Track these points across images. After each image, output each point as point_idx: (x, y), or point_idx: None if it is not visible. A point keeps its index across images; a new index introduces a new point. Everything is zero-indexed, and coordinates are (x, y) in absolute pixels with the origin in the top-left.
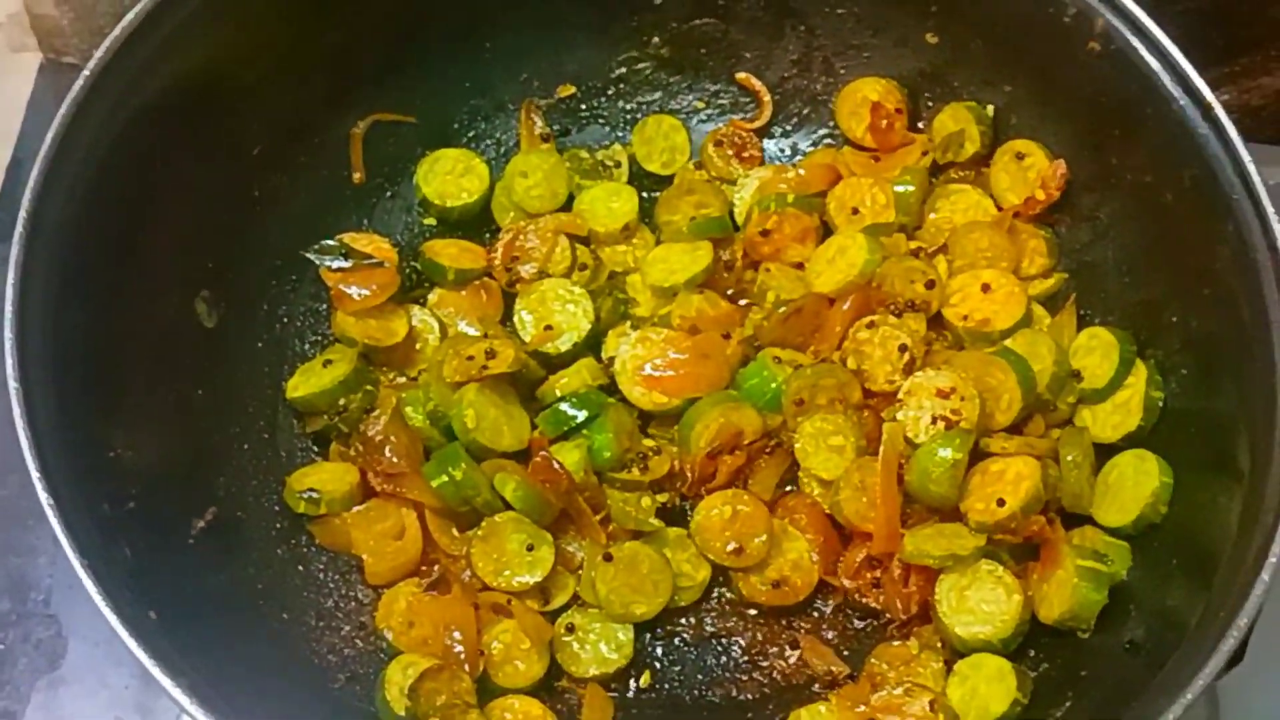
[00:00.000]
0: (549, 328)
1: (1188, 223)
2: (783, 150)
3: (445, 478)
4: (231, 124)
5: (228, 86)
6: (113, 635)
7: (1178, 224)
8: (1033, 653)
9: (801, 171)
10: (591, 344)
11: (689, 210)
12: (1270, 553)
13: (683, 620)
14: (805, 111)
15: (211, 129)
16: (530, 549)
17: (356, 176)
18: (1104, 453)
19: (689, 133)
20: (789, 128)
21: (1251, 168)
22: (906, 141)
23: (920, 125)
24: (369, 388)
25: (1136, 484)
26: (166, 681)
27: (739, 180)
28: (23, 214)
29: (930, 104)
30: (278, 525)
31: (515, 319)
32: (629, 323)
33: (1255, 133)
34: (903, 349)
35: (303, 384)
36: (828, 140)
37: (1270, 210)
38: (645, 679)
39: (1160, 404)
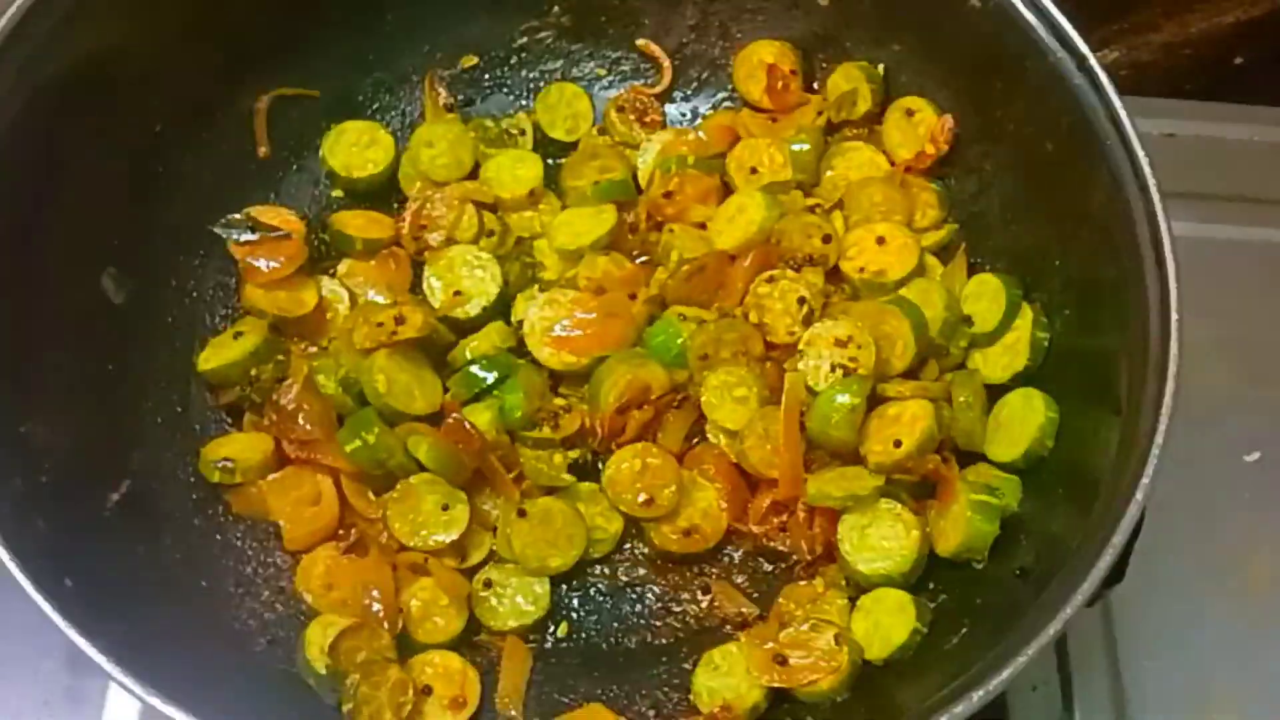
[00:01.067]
0: (458, 293)
1: (1067, 170)
2: (684, 114)
3: (359, 442)
4: (132, 101)
5: (127, 64)
6: (39, 622)
7: (1058, 172)
8: (931, 585)
9: (701, 134)
10: (500, 308)
11: (593, 175)
12: (1144, 474)
13: (597, 571)
14: (704, 75)
15: (111, 107)
16: (445, 508)
17: (261, 151)
18: (994, 392)
19: (591, 99)
20: (689, 91)
21: (1124, 115)
22: (802, 102)
23: (815, 86)
24: (280, 358)
25: (1024, 420)
26: (84, 643)
27: (641, 144)
28: None
29: (824, 65)
30: (194, 496)
31: (425, 285)
32: (537, 286)
33: (1144, 87)
34: (801, 301)
35: (214, 356)
36: (727, 103)
37: (1141, 155)
38: (562, 629)
39: (1046, 344)
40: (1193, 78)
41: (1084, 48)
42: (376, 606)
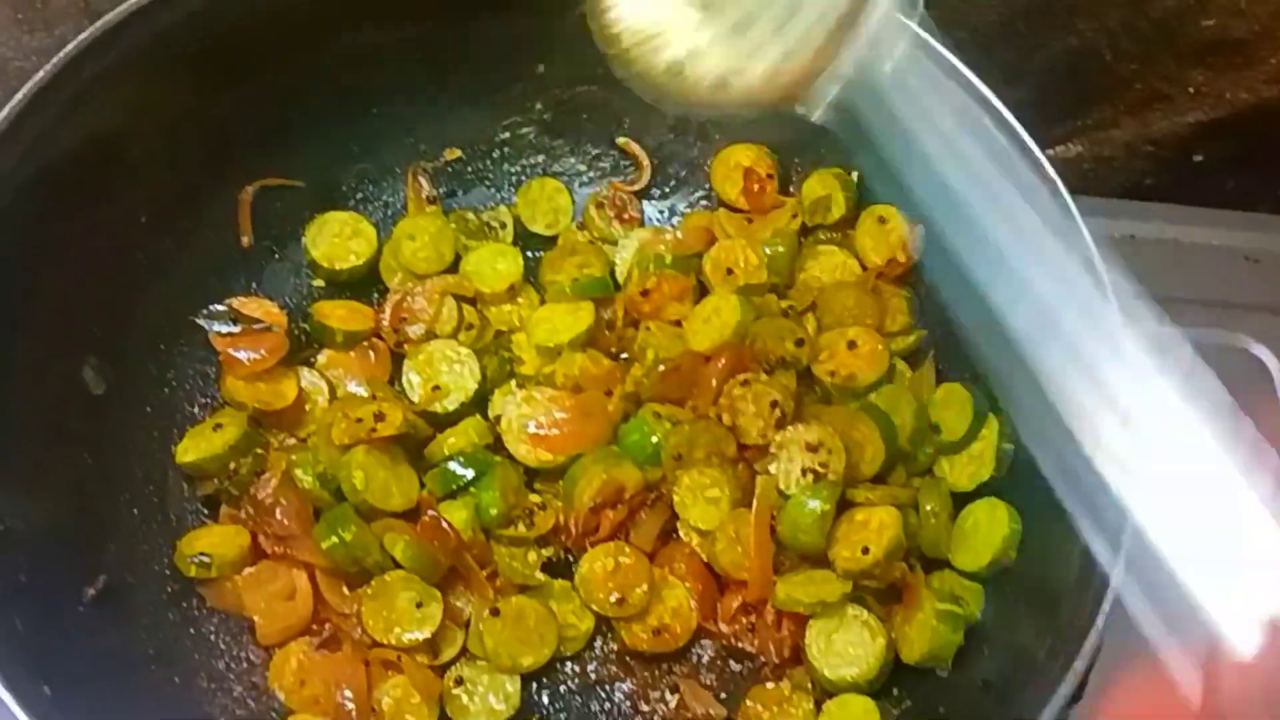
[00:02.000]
0: (436, 388)
1: None
2: (661, 212)
3: (335, 539)
4: (118, 193)
5: (115, 157)
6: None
7: None
8: (896, 691)
9: (679, 234)
10: (478, 402)
11: (572, 271)
12: (1104, 601)
13: (568, 669)
14: (683, 174)
15: (97, 199)
16: (419, 606)
17: (244, 241)
18: (960, 500)
19: (572, 195)
20: (667, 190)
21: (1081, 222)
22: (777, 204)
23: (791, 189)
24: (259, 451)
25: (989, 530)
26: None
27: (619, 241)
28: None
29: (800, 169)
30: (168, 589)
31: (404, 380)
32: (514, 381)
33: (1107, 183)
34: (774, 405)
35: (192, 448)
36: (704, 202)
37: (1101, 266)
38: None
39: (1010, 455)
40: (1154, 175)
41: (1040, 156)
42: (349, 705)
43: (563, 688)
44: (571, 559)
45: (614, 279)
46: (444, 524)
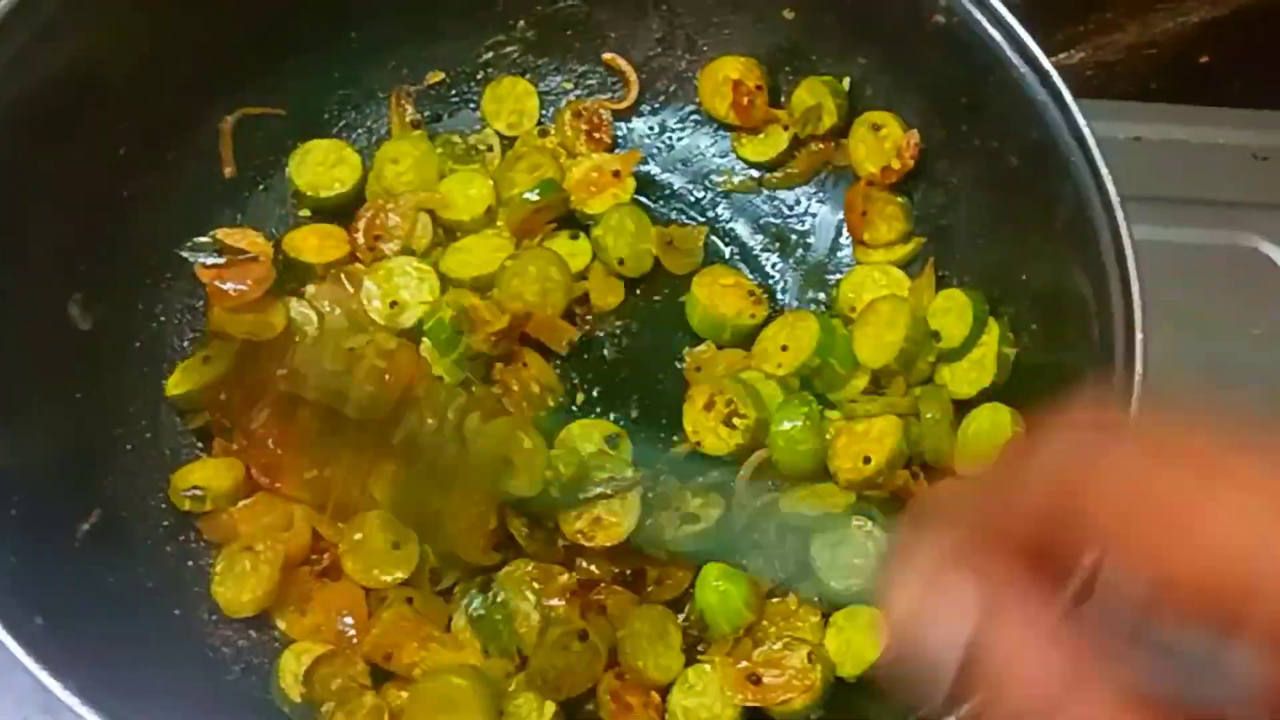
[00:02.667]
0: (395, 304)
1: (1032, 185)
2: (651, 128)
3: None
4: (96, 125)
5: (90, 88)
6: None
7: (1023, 186)
8: None
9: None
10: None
11: (526, 180)
12: None
13: None
14: (672, 89)
15: (76, 131)
16: (396, 546)
17: (227, 171)
18: (962, 408)
19: (541, 100)
20: (657, 105)
21: (1087, 131)
22: (769, 119)
23: (781, 100)
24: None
25: (992, 435)
26: (54, 685)
27: (579, 156)
28: None
29: (790, 79)
30: (165, 523)
31: (362, 295)
32: None
33: (1110, 88)
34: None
35: (183, 380)
36: (695, 116)
37: (1105, 170)
38: None
39: (1012, 360)
40: (1159, 77)
41: (1046, 63)
42: (350, 632)
43: None
44: None
45: None
46: None
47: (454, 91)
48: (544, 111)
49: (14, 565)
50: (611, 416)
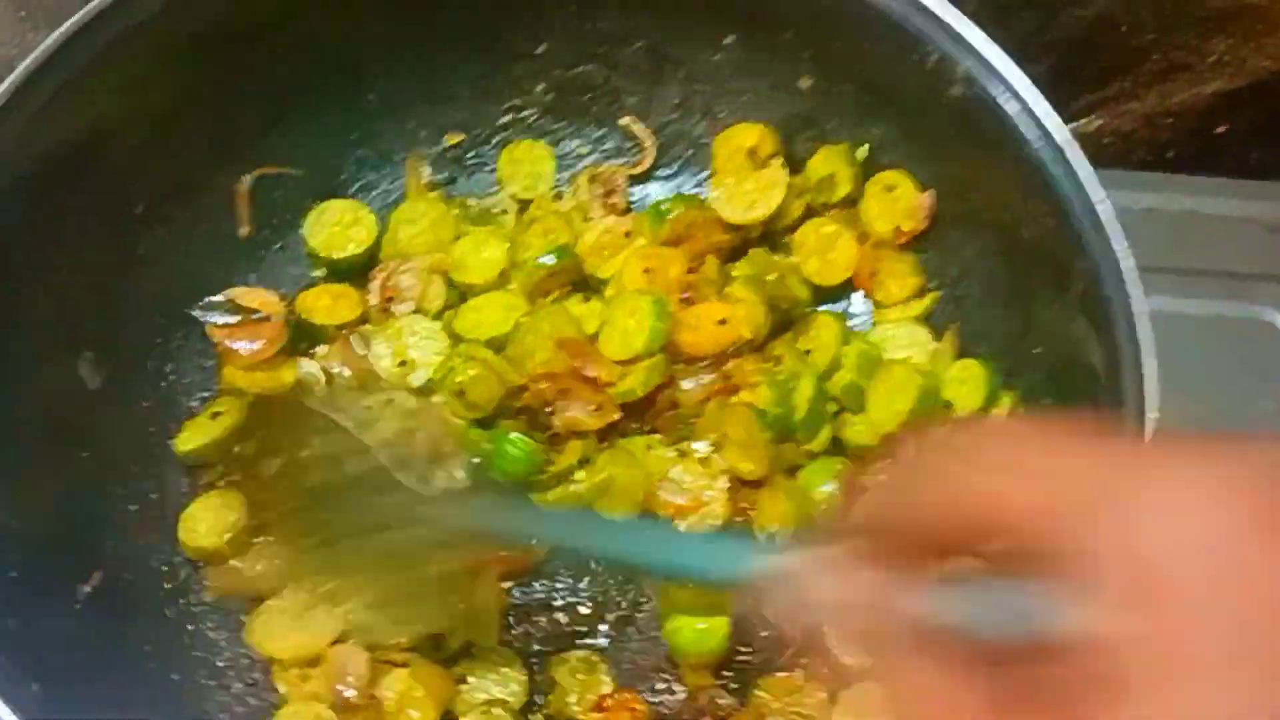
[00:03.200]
0: (404, 363)
1: (1046, 258)
2: (669, 193)
3: None
4: (113, 184)
5: (108, 147)
6: None
7: (1037, 260)
8: None
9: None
10: None
11: (540, 244)
12: None
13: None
14: (689, 154)
15: (92, 190)
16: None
17: (243, 230)
18: None
19: (557, 164)
20: (673, 170)
21: (1102, 207)
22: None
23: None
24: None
25: None
26: None
27: (590, 220)
28: None
29: (808, 144)
30: (166, 585)
31: (372, 353)
32: None
33: (1128, 156)
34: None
35: (192, 437)
36: (710, 180)
37: (1118, 249)
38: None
39: None
40: (1176, 146)
41: (1064, 137)
42: (351, 693)
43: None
44: None
45: None
46: None
47: (471, 154)
48: (560, 175)
49: (14, 631)
50: None
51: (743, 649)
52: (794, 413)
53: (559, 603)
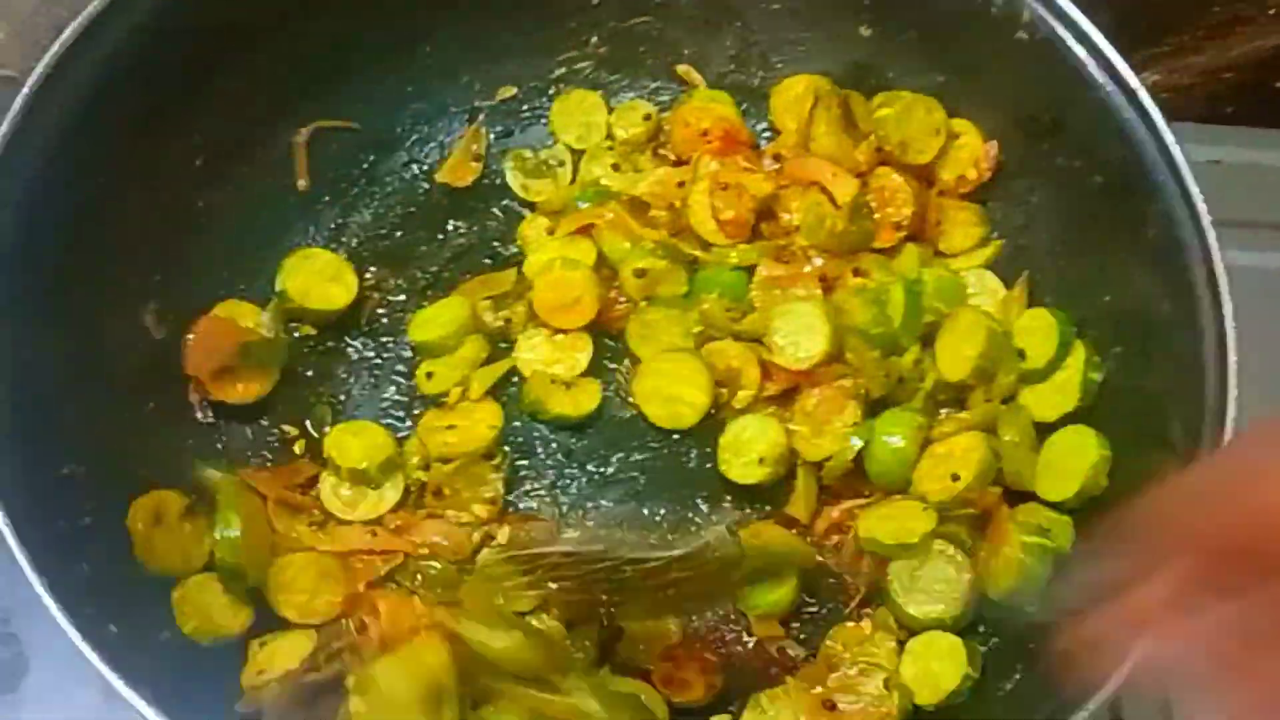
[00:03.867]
0: None
1: (1117, 204)
2: None
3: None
4: (173, 139)
5: (167, 102)
6: (74, 654)
7: (1107, 206)
8: (981, 628)
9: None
10: None
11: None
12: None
13: None
14: (745, 106)
15: (153, 144)
16: None
17: (301, 183)
18: (1044, 431)
19: (609, 114)
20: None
21: (1176, 150)
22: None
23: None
24: None
25: (1077, 458)
26: (129, 693)
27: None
28: None
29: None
30: None
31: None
32: None
33: (1185, 111)
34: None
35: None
36: (766, 134)
37: (1195, 190)
38: None
39: (1096, 385)
40: (1235, 101)
41: (1134, 81)
42: None
43: None
44: None
45: None
46: None
47: (525, 107)
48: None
49: (88, 575)
50: None
51: (809, 600)
52: (891, 322)
53: None
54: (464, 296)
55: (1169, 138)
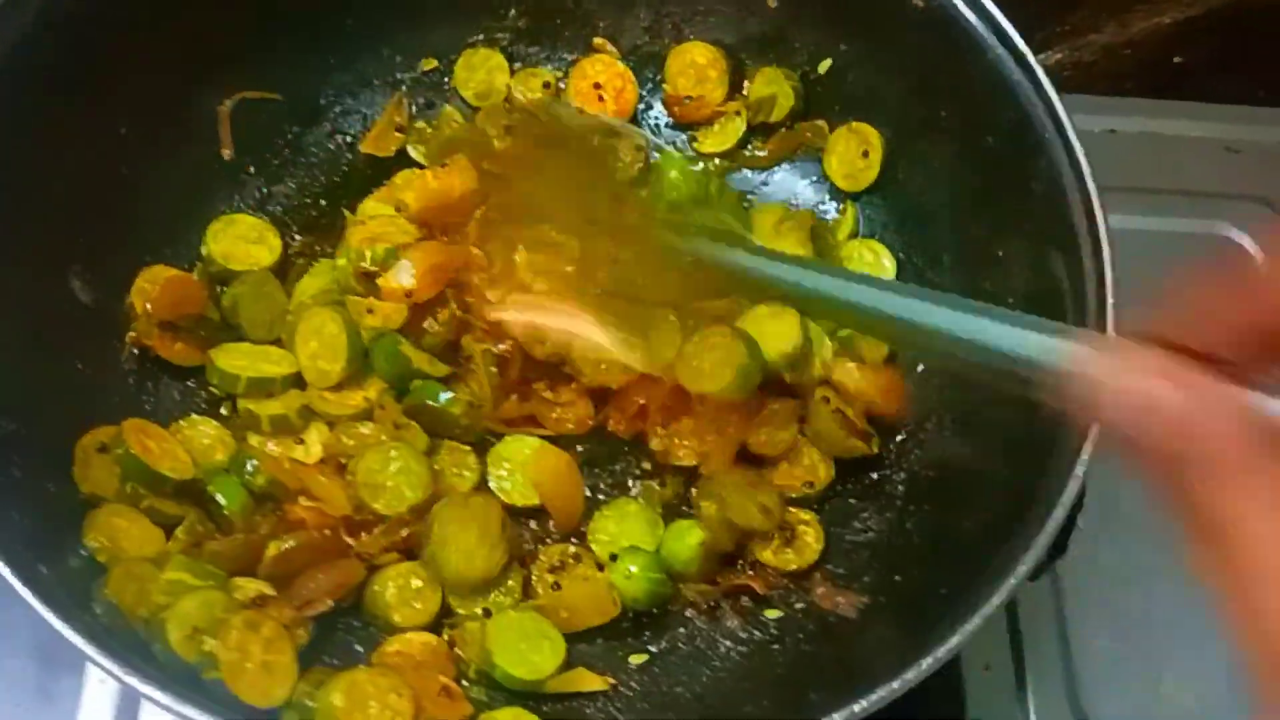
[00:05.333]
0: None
1: (1008, 164)
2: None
3: None
4: (95, 103)
5: (90, 68)
6: (4, 620)
7: (1000, 165)
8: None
9: None
10: None
11: None
12: (1082, 450)
13: None
14: (658, 77)
15: (75, 109)
16: None
17: (226, 153)
18: None
19: (510, 77)
20: (644, 93)
21: (1061, 109)
22: (718, 113)
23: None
24: None
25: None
26: (64, 628)
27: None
28: None
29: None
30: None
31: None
32: None
33: (1088, 86)
34: None
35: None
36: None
37: (1078, 147)
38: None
39: None
40: (1134, 77)
41: (1023, 46)
42: None
43: None
44: None
45: None
46: None
47: (446, 80)
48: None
49: (20, 524)
50: None
51: None
52: None
53: None
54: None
55: (1055, 99)
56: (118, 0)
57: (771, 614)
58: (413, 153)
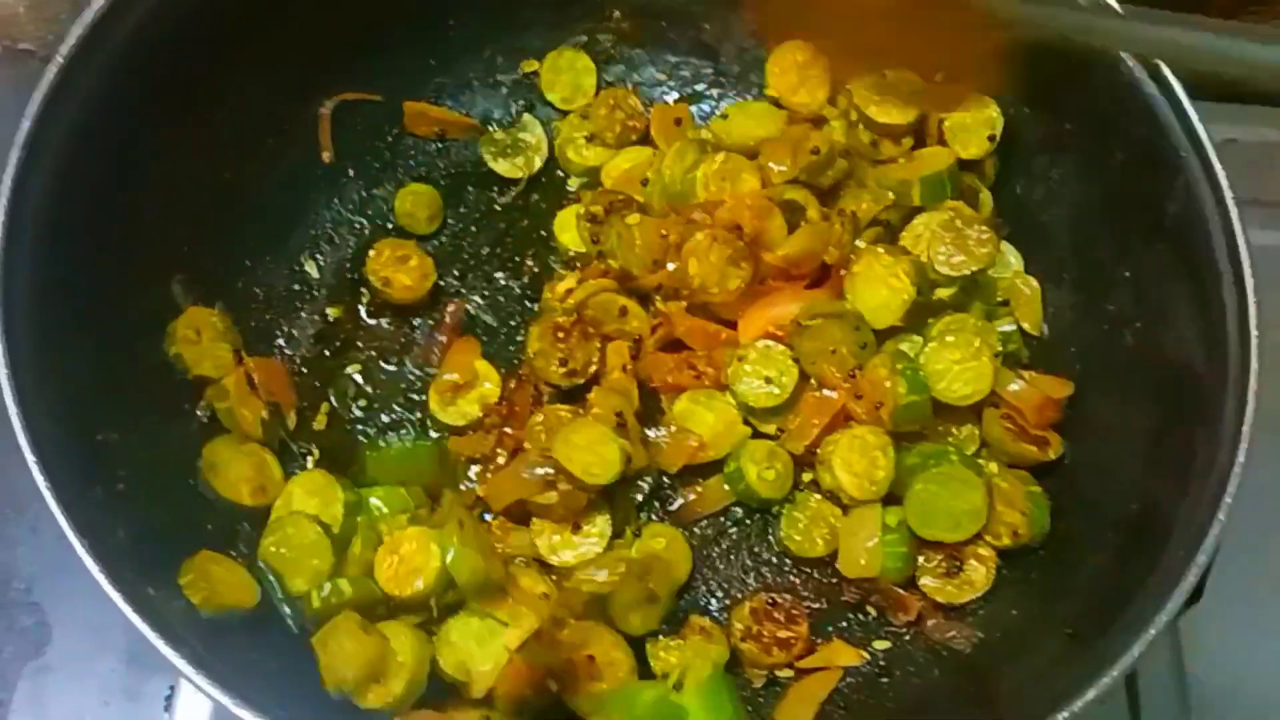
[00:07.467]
0: None
1: (1138, 180)
2: None
3: None
4: (201, 111)
5: (195, 74)
6: (98, 620)
7: (1128, 182)
8: None
9: None
10: None
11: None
12: (1225, 494)
13: None
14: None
15: (180, 116)
16: None
17: (325, 156)
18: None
19: (598, 79)
20: (749, 98)
21: (1199, 125)
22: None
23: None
24: None
25: None
26: (169, 652)
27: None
28: (1, 214)
29: None
30: None
31: None
32: None
33: (1201, 91)
34: None
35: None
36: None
37: (1217, 165)
38: None
39: None
40: None
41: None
42: None
43: None
44: None
45: None
46: None
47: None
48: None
49: (124, 540)
50: None
51: None
52: None
53: None
54: None
55: (1192, 113)
56: (223, 6)
57: (880, 645)
58: (490, 162)
